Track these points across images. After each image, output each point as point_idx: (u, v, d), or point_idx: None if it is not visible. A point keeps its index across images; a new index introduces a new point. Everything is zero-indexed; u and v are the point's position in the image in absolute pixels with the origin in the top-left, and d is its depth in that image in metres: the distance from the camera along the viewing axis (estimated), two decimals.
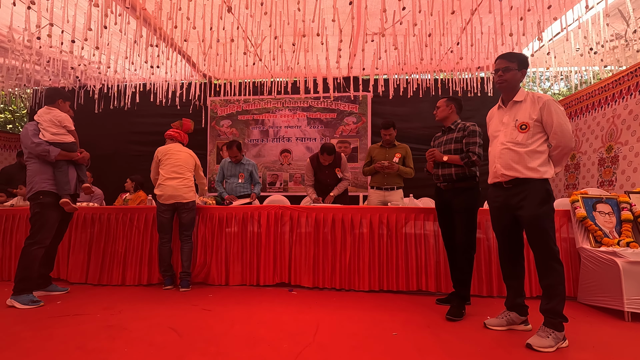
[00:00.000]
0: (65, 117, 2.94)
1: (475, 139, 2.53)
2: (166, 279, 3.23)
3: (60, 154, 2.83)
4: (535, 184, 2.02)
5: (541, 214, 1.99)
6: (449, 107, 2.71)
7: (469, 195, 2.55)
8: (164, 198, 3.21)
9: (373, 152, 3.87)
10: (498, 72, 2.14)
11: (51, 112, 2.90)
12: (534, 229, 2.00)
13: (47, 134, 2.83)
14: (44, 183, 2.80)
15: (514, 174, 2.06)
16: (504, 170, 2.10)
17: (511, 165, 2.07)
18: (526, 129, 2.05)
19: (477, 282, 2.96)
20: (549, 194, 2.03)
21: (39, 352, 1.83)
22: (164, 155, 3.35)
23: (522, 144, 2.05)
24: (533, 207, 2.00)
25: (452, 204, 2.60)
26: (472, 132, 2.55)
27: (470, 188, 2.57)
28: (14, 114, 10.58)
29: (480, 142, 2.53)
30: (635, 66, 3.83)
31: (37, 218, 2.77)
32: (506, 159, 2.09)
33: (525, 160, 2.03)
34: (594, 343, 1.99)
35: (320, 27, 3.61)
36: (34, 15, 3.54)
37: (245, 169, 4.09)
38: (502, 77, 2.12)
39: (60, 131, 2.90)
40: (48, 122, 2.85)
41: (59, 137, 2.87)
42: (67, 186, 2.86)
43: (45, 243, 2.78)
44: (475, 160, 2.48)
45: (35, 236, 2.74)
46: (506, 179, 2.10)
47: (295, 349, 1.87)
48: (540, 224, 1.98)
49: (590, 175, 4.41)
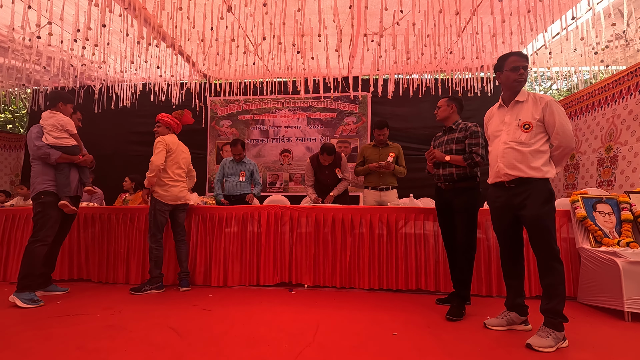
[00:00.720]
0: (67, 121, 3.00)
1: (477, 139, 2.53)
2: (162, 280, 3.22)
3: (61, 157, 2.91)
4: (538, 183, 2.02)
5: (544, 213, 1.99)
6: (450, 107, 2.71)
7: (469, 196, 2.55)
8: (169, 199, 3.17)
9: (366, 152, 3.86)
10: (519, 70, 2.08)
11: (54, 116, 2.97)
12: (536, 229, 2.00)
13: (50, 137, 2.91)
14: (45, 184, 2.88)
15: (518, 173, 2.05)
16: (507, 170, 2.09)
17: (515, 164, 2.06)
18: (529, 129, 2.05)
19: (476, 282, 2.96)
20: (552, 194, 2.04)
21: (39, 352, 1.82)
22: (171, 149, 3.20)
23: (525, 144, 2.05)
24: (536, 206, 2.00)
25: (452, 204, 2.60)
26: (475, 133, 2.55)
27: (471, 188, 2.57)
28: (14, 114, 10.57)
29: (482, 143, 2.52)
30: (635, 66, 3.83)
31: (40, 217, 2.84)
32: (509, 159, 2.08)
33: (528, 159, 2.03)
34: (594, 343, 1.99)
35: (321, 27, 3.61)
36: (33, 14, 3.54)
37: (247, 168, 4.09)
38: (523, 76, 2.10)
39: (62, 135, 2.96)
40: (51, 126, 2.93)
41: (61, 141, 2.94)
42: (67, 188, 2.92)
43: (47, 241, 2.84)
44: (479, 161, 2.48)
45: (38, 234, 2.81)
46: (509, 178, 2.09)
47: (295, 349, 1.87)
48: (543, 223, 1.98)
49: (590, 175, 4.41)
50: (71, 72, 5.22)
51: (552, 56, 4.60)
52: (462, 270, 2.56)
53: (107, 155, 5.85)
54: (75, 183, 3.02)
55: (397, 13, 3.36)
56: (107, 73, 5.48)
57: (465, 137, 2.58)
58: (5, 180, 6.87)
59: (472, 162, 2.49)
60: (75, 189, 3.03)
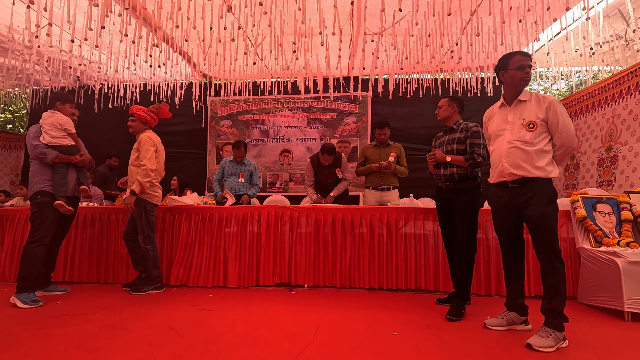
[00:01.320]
0: (66, 121, 2.99)
1: (479, 140, 2.53)
2: (162, 280, 3.19)
3: (57, 157, 2.89)
4: (542, 183, 2.02)
5: (548, 212, 1.99)
6: (451, 106, 2.70)
7: (470, 196, 2.55)
8: (157, 199, 3.15)
9: (367, 152, 3.86)
10: (525, 69, 2.08)
11: (53, 115, 2.97)
12: (540, 228, 1.99)
13: (47, 136, 2.89)
14: (42, 184, 2.86)
15: (522, 172, 2.05)
16: (512, 169, 2.08)
17: (519, 164, 2.06)
18: (534, 128, 2.05)
19: (476, 281, 2.96)
20: (555, 193, 2.04)
21: (39, 352, 1.82)
22: (158, 149, 3.14)
23: (530, 143, 2.05)
24: (540, 206, 1.99)
25: (453, 204, 2.60)
26: (476, 133, 2.55)
27: (472, 188, 2.56)
28: (14, 114, 10.57)
29: (484, 143, 2.52)
30: (635, 66, 3.83)
31: (36, 217, 2.82)
32: (514, 158, 2.07)
33: (533, 159, 2.03)
34: (594, 343, 1.99)
35: (321, 27, 3.61)
36: (33, 14, 3.54)
37: (247, 169, 4.09)
38: (529, 75, 2.11)
39: (60, 134, 2.95)
40: (49, 125, 2.93)
41: (58, 140, 2.93)
42: (63, 188, 2.90)
43: (44, 241, 2.82)
44: (480, 161, 2.48)
45: (35, 234, 2.79)
46: (513, 178, 2.08)
47: (295, 349, 1.87)
48: (547, 223, 1.98)
49: (590, 175, 4.41)
50: (71, 72, 5.23)
51: (552, 56, 4.60)
52: (462, 271, 2.56)
53: (107, 155, 5.85)
54: (72, 183, 3.00)
55: (397, 13, 3.37)
56: (107, 73, 5.48)
57: (466, 137, 2.58)
58: (5, 180, 6.87)
59: (474, 162, 2.49)
60: (73, 189, 3.00)
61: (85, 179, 3.11)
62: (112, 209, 3.62)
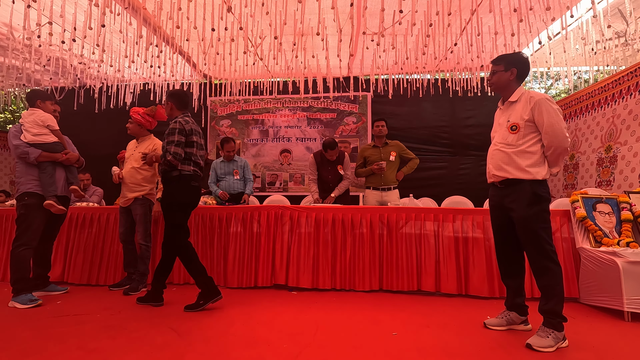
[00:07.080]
0: (48, 117, 2.90)
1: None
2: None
3: (41, 155, 2.80)
4: (524, 184, 2.01)
5: (530, 215, 1.97)
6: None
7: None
8: (155, 198, 3.27)
9: (366, 152, 3.86)
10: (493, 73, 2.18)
11: (34, 113, 2.87)
12: (523, 230, 2.01)
13: (29, 135, 2.80)
14: (29, 184, 2.78)
15: (504, 174, 2.07)
16: (494, 171, 2.13)
17: (501, 166, 2.09)
18: (516, 130, 2.05)
19: (476, 281, 2.96)
20: (538, 195, 1.99)
21: (39, 352, 1.82)
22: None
23: (512, 145, 2.06)
24: (522, 208, 2.00)
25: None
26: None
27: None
28: (14, 114, 10.56)
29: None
30: (635, 66, 3.83)
31: (23, 220, 2.75)
32: (496, 160, 2.12)
33: (514, 161, 2.04)
34: (594, 343, 1.99)
35: (321, 27, 3.61)
36: (33, 13, 3.53)
37: (239, 165, 4.09)
38: (490, 81, 2.19)
39: (43, 131, 2.85)
40: (30, 124, 2.83)
41: (40, 138, 2.83)
42: (52, 187, 2.81)
43: (31, 244, 2.74)
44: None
45: (21, 238, 2.72)
46: (498, 179, 2.12)
47: (295, 349, 1.87)
48: (530, 225, 1.97)
49: (589, 175, 4.41)
50: (71, 72, 5.22)
51: (551, 56, 4.60)
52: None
53: (107, 155, 5.84)
54: (62, 182, 2.91)
55: (397, 13, 3.36)
56: (107, 73, 5.48)
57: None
58: (5, 180, 6.86)
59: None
60: (62, 188, 2.92)
61: (75, 179, 3.03)
62: (111, 209, 3.61)
